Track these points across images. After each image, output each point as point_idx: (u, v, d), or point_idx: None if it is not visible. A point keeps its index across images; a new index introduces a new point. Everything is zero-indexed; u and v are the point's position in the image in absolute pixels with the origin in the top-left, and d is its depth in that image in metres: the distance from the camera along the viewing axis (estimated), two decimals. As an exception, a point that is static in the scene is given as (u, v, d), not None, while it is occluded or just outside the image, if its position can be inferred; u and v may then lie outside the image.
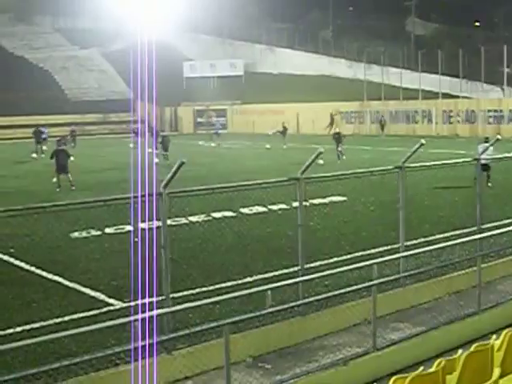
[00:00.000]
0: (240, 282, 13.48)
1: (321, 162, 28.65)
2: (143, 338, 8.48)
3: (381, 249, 15.69)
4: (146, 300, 10.37)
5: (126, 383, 8.85)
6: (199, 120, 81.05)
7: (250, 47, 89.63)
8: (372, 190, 21.84)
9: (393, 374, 8.11)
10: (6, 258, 16.09)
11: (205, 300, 10.24)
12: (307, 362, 10.36)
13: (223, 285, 13.35)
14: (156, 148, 42.49)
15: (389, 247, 15.51)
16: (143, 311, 9.55)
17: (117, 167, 37.09)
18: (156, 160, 33.82)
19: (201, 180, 18.56)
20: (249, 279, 13.72)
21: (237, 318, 9.30)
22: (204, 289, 13.03)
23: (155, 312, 9.20)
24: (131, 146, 50.04)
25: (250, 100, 77.44)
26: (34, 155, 47.65)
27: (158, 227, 10.54)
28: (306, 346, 11.09)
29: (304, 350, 10.95)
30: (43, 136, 51.17)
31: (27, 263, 15.62)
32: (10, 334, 10.67)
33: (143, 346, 8.37)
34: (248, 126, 74.14)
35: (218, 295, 10.90)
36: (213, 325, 9.05)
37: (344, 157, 38.85)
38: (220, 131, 60.31)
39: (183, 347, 9.99)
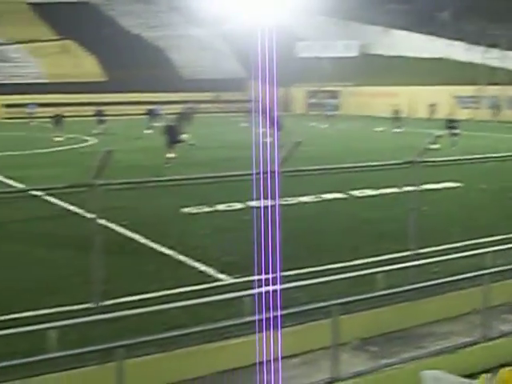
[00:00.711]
0: (348, 264, 13.41)
1: (436, 146, 28.11)
2: (256, 313, 8.58)
3: (495, 238, 15.29)
4: (257, 277, 10.45)
5: (234, 356, 9.03)
6: (311, 101, 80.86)
7: (365, 28, 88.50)
8: (487, 176, 21.34)
9: (502, 365, 7.93)
10: (119, 229, 16.53)
11: (313, 280, 10.28)
12: (414, 348, 10.24)
13: (331, 266, 13.32)
14: (268, 127, 42.64)
15: (503, 236, 15.11)
16: (255, 287, 9.65)
17: (228, 145, 37.51)
18: (267, 139, 33.95)
19: (313, 160, 18.50)
20: (358, 262, 13.63)
21: (346, 299, 9.29)
22: (312, 269, 13.03)
23: (265, 289, 9.23)
24: (244, 125, 50.45)
25: (363, 82, 76.60)
26: (148, 131, 48.70)
27: (267, 206, 10.59)
28: (413, 331, 10.96)
29: (412, 335, 10.82)
30: (156, 113, 52.23)
31: (140, 235, 16.02)
32: (123, 303, 10.99)
33: (259, 320, 8.45)
34: (360, 108, 73.45)
35: (326, 276, 10.91)
36: (322, 304, 9.07)
37: (458, 142, 38.02)
38: (332, 113, 59.99)
39: (290, 325, 10.05)
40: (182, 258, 14.23)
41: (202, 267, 13.52)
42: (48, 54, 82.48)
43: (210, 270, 13.32)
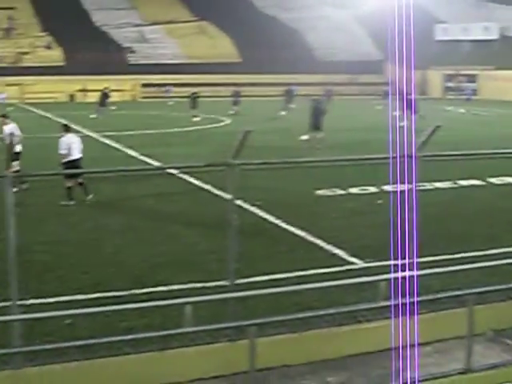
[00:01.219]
0: (484, 253, 13.03)
1: None
2: (389, 299, 8.49)
3: None
4: (391, 262, 10.29)
5: (366, 341, 8.99)
6: (448, 84, 78.93)
7: (505, 10, 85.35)
8: None
9: None
10: (253, 209, 16.70)
11: (448, 267, 10.06)
12: (553, 343, 9.87)
13: (466, 254, 12.98)
14: (404, 110, 41.96)
15: None
16: (388, 272, 9.53)
17: (363, 128, 37.18)
18: (403, 123, 33.40)
19: (450, 146, 18.04)
20: (494, 251, 13.22)
21: (483, 289, 9.04)
22: (446, 256, 12.74)
23: (401, 274, 9.10)
24: (378, 107, 49.85)
25: (503, 66, 74.02)
26: (283, 113, 48.88)
27: (403, 191, 10.41)
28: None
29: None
30: (292, 94, 52.34)
31: (273, 216, 16.14)
32: (256, 282, 11.12)
33: (393, 306, 8.36)
34: (500, 92, 71.03)
35: (460, 264, 10.66)
36: (457, 293, 8.87)
37: None
38: (470, 97, 58.32)
39: (423, 313, 9.87)
40: (314, 240, 14.24)
41: (335, 250, 13.48)
42: (185, 35, 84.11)
43: (343, 253, 13.27)
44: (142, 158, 26.23)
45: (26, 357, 8.24)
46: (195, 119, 44.62)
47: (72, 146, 18.36)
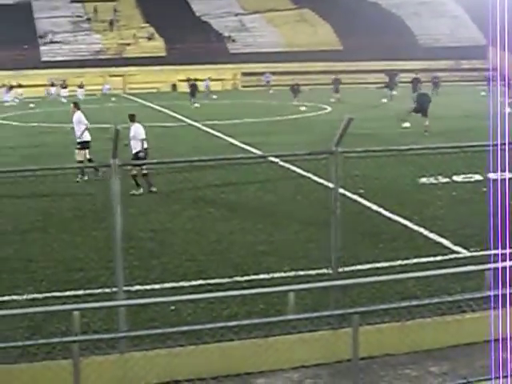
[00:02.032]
0: None
1: None
2: (495, 289, 8.30)
3: None
4: (495, 251, 10.05)
5: (469, 331, 8.83)
6: (556, 69, 76.33)
7: None
8: None
9: None
10: (355, 197, 16.59)
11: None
12: None
13: None
14: (508, 97, 40.86)
15: None
16: (492, 262, 9.32)
17: (468, 115, 36.37)
18: (508, 110, 32.50)
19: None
20: None
21: None
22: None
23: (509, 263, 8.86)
24: (482, 94, 48.71)
25: None
26: (384, 100, 48.39)
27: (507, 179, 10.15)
28: None
29: None
30: (394, 82, 51.74)
31: (376, 204, 16.00)
32: (359, 271, 11.07)
33: (497, 296, 8.17)
34: None
35: None
36: None
37: None
38: None
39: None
40: (417, 228, 14.05)
41: (438, 239, 13.26)
42: (285, 23, 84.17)
43: (446, 242, 13.04)
44: (243, 146, 26.43)
45: (131, 342, 8.45)
46: (299, 108, 44.53)
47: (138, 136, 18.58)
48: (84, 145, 21.05)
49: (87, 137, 21.14)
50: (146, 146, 18.36)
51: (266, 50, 78.53)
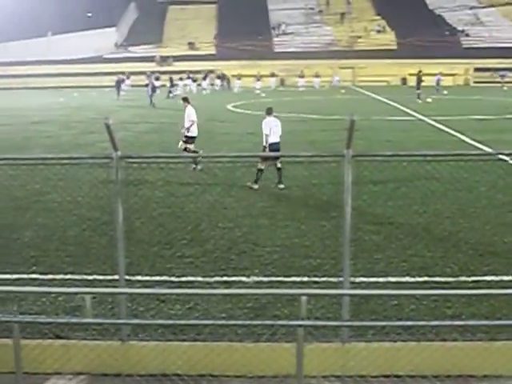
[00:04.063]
0: None
1: None
2: None
3: None
4: None
5: None
6: None
7: None
8: None
9: None
10: None
11: None
12: None
13: None
14: None
15: None
16: None
17: None
18: None
19: None
20: None
21: None
22: None
23: None
24: None
25: None
26: None
27: None
28: None
29: None
30: None
31: None
32: None
33: None
34: None
35: None
36: None
37: None
38: None
39: None
40: None
41: None
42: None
43: None
44: (473, 143, 25.68)
45: (353, 331, 8.52)
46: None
47: (273, 129, 18.49)
48: (189, 140, 21.79)
49: (194, 132, 21.83)
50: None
51: (502, 44, 75.65)
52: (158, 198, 16.76)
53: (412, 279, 10.78)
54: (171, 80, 61.26)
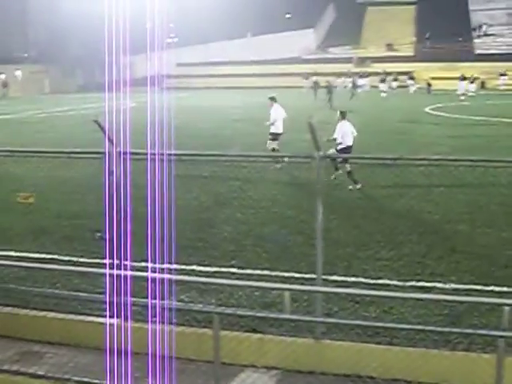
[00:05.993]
0: None
1: None
2: None
3: None
4: None
5: None
6: None
7: None
8: None
9: None
10: None
11: None
12: None
13: None
14: None
15: None
16: None
17: None
18: None
19: None
20: None
21: None
22: None
23: None
24: None
25: None
26: None
27: None
28: None
29: None
30: None
31: None
32: None
33: None
34: None
35: None
36: None
37: None
38: None
39: None
40: None
41: None
42: None
43: None
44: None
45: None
46: None
47: (346, 133, 18.71)
48: (275, 136, 22.14)
49: (279, 129, 22.17)
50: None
51: None
52: (354, 200, 16.85)
53: None
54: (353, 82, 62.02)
